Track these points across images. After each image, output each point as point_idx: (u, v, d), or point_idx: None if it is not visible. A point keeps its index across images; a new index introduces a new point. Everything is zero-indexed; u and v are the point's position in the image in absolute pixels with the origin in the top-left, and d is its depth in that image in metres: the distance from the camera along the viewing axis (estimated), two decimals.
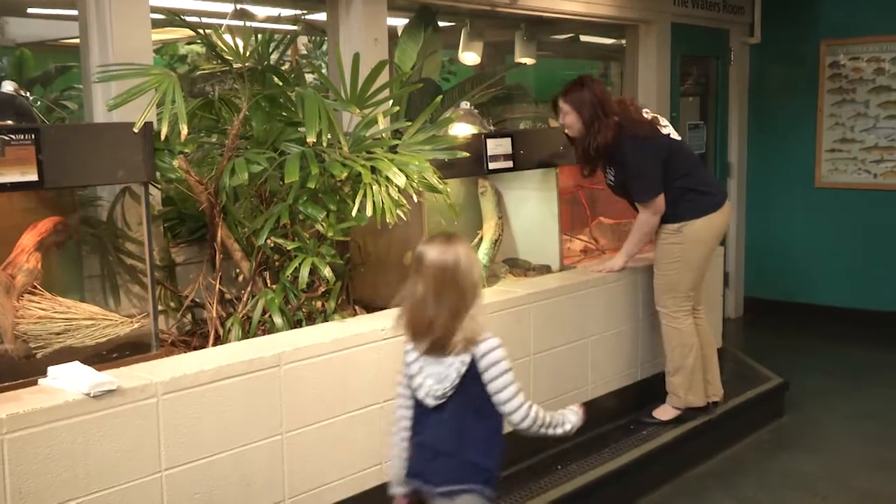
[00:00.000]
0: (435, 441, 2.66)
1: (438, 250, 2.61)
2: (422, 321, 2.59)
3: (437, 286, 2.57)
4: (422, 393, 2.64)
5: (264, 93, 3.56)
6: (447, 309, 2.56)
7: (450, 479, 2.64)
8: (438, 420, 2.64)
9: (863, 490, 4.31)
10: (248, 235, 3.55)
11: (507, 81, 6.22)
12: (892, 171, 7.10)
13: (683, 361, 4.46)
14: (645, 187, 4.35)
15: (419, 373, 2.64)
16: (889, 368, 6.33)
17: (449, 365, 2.59)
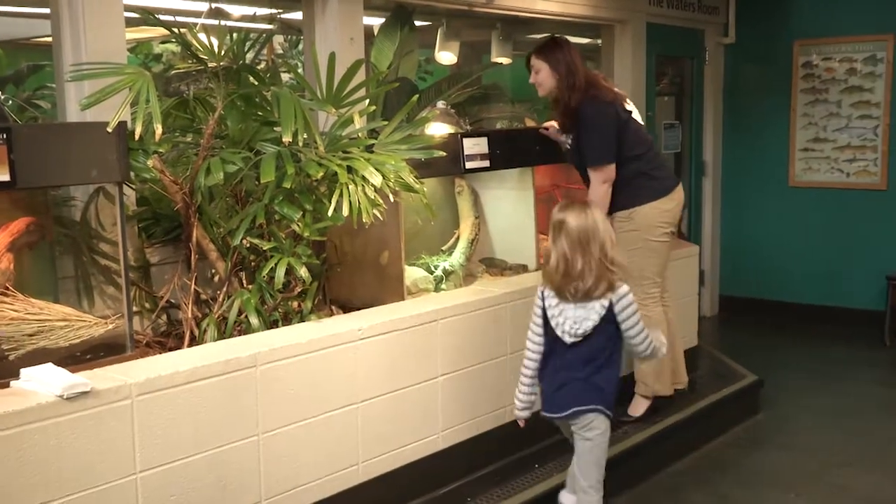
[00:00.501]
0: (570, 371, 3.23)
1: (577, 216, 3.21)
2: (571, 275, 3.16)
3: (583, 245, 3.17)
4: (560, 331, 3.22)
5: (240, 92, 3.55)
6: (592, 263, 3.15)
7: (581, 401, 3.23)
8: (574, 354, 3.22)
9: (835, 485, 4.35)
10: (224, 235, 3.53)
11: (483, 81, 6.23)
12: (864, 170, 7.18)
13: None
14: (599, 150, 4.32)
15: (559, 315, 3.22)
16: (861, 365, 6.40)
17: (590, 309, 3.18)
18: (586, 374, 3.22)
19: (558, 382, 3.27)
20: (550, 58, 4.32)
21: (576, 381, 3.23)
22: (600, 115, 4.31)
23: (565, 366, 3.25)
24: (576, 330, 3.20)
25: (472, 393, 3.85)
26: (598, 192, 4.34)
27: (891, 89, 6.98)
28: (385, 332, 3.45)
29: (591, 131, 4.33)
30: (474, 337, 3.84)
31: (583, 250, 3.17)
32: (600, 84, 4.39)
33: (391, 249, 3.85)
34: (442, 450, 3.73)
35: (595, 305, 3.18)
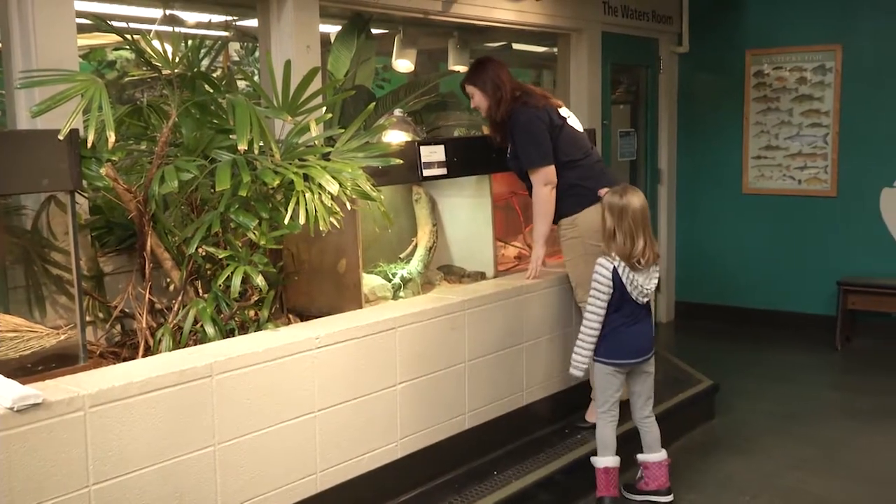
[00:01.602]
0: (646, 325, 4.06)
1: (638, 197, 3.95)
2: (633, 245, 3.90)
3: (641, 224, 3.92)
4: (636, 293, 3.96)
5: (194, 100, 3.52)
6: (649, 236, 3.94)
7: (650, 347, 4.11)
8: (644, 311, 4.05)
9: (788, 488, 4.41)
10: (179, 244, 3.50)
11: (440, 89, 6.24)
12: (815, 177, 7.31)
13: None
14: (534, 153, 4.38)
15: (631, 282, 3.94)
16: (814, 370, 6.51)
17: (650, 272, 4.00)
18: (650, 324, 4.08)
19: (638, 334, 4.03)
20: (477, 81, 4.49)
21: (647, 330, 4.06)
22: (530, 119, 4.40)
23: (639, 320, 4.02)
24: (648, 291, 3.99)
25: (431, 401, 3.85)
26: (540, 195, 4.40)
27: (840, 98, 7.13)
28: (343, 340, 3.44)
29: (523, 136, 4.41)
30: (433, 345, 3.84)
31: (644, 227, 3.92)
32: (532, 92, 4.51)
33: (349, 257, 3.84)
34: (400, 458, 3.72)
35: (653, 270, 3.99)
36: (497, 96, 4.43)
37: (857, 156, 7.12)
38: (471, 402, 4.06)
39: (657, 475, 4.15)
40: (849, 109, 7.11)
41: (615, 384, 4.05)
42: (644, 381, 4.13)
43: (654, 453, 4.15)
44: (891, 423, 5.31)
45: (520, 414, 4.36)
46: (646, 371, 4.12)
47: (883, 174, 7.03)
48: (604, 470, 4.03)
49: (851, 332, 7.15)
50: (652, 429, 4.16)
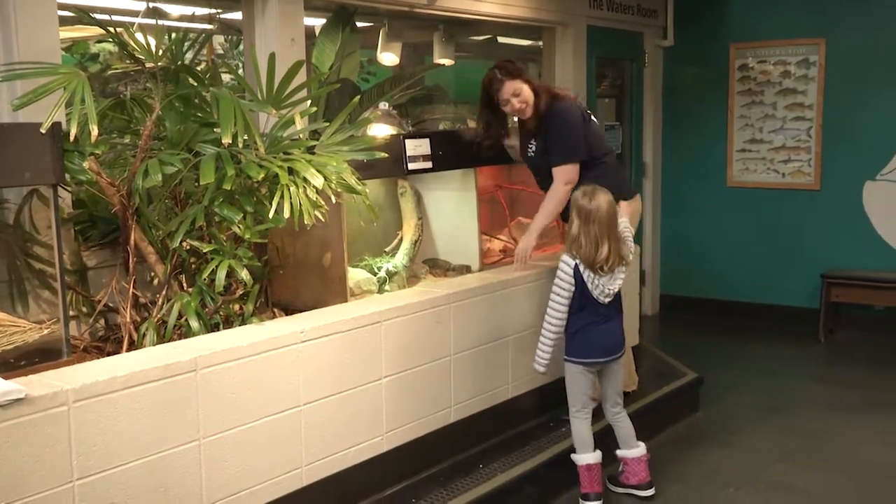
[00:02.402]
0: (616, 324, 4.04)
1: (607, 201, 3.87)
2: (601, 255, 3.84)
3: (606, 229, 3.85)
4: (596, 293, 3.91)
5: (178, 93, 3.50)
6: (614, 240, 3.87)
7: (620, 346, 4.07)
8: (614, 309, 4.01)
9: (772, 480, 4.44)
10: (163, 238, 3.48)
11: (426, 82, 6.24)
12: (798, 170, 7.34)
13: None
14: (569, 147, 4.37)
15: (592, 282, 3.90)
16: (798, 362, 6.55)
17: (615, 274, 3.92)
18: (619, 322, 4.05)
19: (608, 333, 4.02)
20: (520, 74, 4.41)
21: (617, 329, 4.04)
22: (571, 112, 4.41)
23: (609, 319, 4.00)
24: (610, 291, 3.94)
25: (417, 394, 3.85)
26: (559, 192, 4.38)
27: (823, 92, 7.16)
28: (328, 334, 3.44)
29: (562, 129, 4.39)
30: (418, 338, 3.84)
31: (609, 231, 3.86)
32: (555, 88, 4.52)
33: (334, 251, 3.83)
34: (386, 452, 3.72)
35: (618, 272, 3.93)
36: (537, 91, 4.41)
37: (841, 149, 7.16)
38: (456, 395, 4.06)
39: (636, 470, 4.17)
40: (832, 103, 7.15)
41: (585, 383, 4.06)
42: (613, 379, 4.11)
43: (631, 449, 4.17)
44: (874, 415, 5.35)
45: (505, 407, 4.36)
46: (614, 369, 4.10)
47: (866, 167, 7.07)
48: (586, 467, 4.03)
49: (835, 325, 7.20)
50: (624, 424, 4.16)
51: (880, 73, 6.93)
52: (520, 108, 4.40)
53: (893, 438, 4.98)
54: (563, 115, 4.38)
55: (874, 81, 6.97)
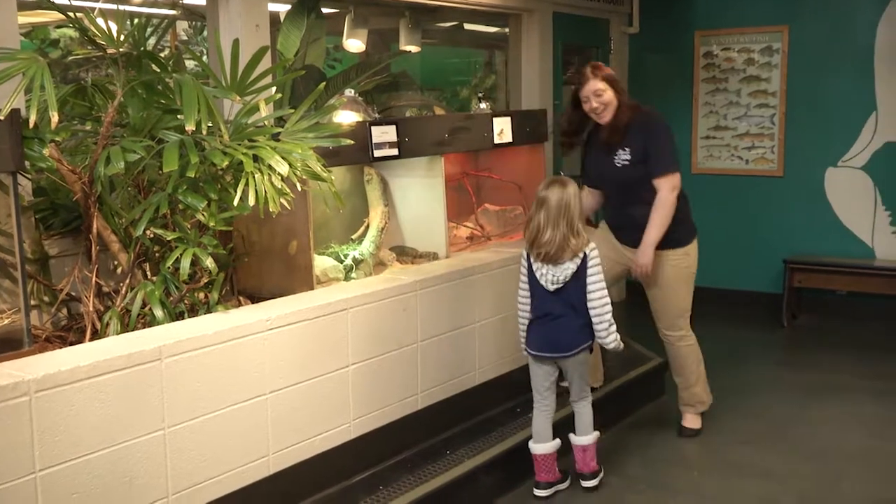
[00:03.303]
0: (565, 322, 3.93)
1: (557, 193, 3.88)
2: (542, 240, 3.86)
3: (554, 218, 3.85)
4: (543, 281, 3.91)
5: (140, 79, 3.46)
6: (560, 231, 3.84)
7: (572, 343, 3.94)
8: (559, 298, 3.92)
9: (735, 463, 4.50)
10: (126, 226, 3.45)
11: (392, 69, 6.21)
12: (762, 157, 7.42)
13: (701, 370, 4.81)
14: (672, 158, 4.48)
15: (539, 270, 3.92)
16: (761, 346, 6.63)
17: (566, 265, 3.88)
18: (572, 319, 3.94)
19: (555, 329, 3.96)
20: (610, 79, 4.44)
21: (566, 327, 3.95)
22: (666, 124, 4.53)
23: (562, 315, 3.94)
24: (555, 280, 3.89)
25: (383, 381, 3.85)
26: (669, 201, 4.46)
27: (786, 79, 7.23)
28: (294, 321, 3.43)
29: (663, 141, 4.47)
30: (385, 325, 3.84)
31: (554, 222, 3.85)
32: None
33: (300, 239, 3.82)
34: (353, 439, 3.72)
35: (567, 265, 3.88)
36: (624, 98, 4.45)
37: (803, 136, 7.24)
38: (423, 382, 4.07)
39: (578, 458, 4.17)
40: (795, 90, 7.23)
41: (539, 374, 4.08)
42: (571, 376, 4.08)
43: (578, 436, 4.16)
44: (835, 398, 5.43)
45: (472, 393, 4.38)
46: (571, 366, 4.03)
47: (828, 154, 7.16)
48: (539, 456, 4.07)
49: (798, 310, 7.30)
50: (579, 413, 4.15)
51: (842, 60, 7.02)
52: (596, 108, 4.44)
53: (854, 421, 5.06)
54: (664, 124, 4.51)
55: (836, 69, 7.05)
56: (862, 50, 6.93)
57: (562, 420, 4.24)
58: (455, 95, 7.65)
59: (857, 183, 7.07)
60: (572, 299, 3.94)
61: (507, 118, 5.00)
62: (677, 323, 4.71)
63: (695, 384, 4.80)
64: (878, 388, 5.59)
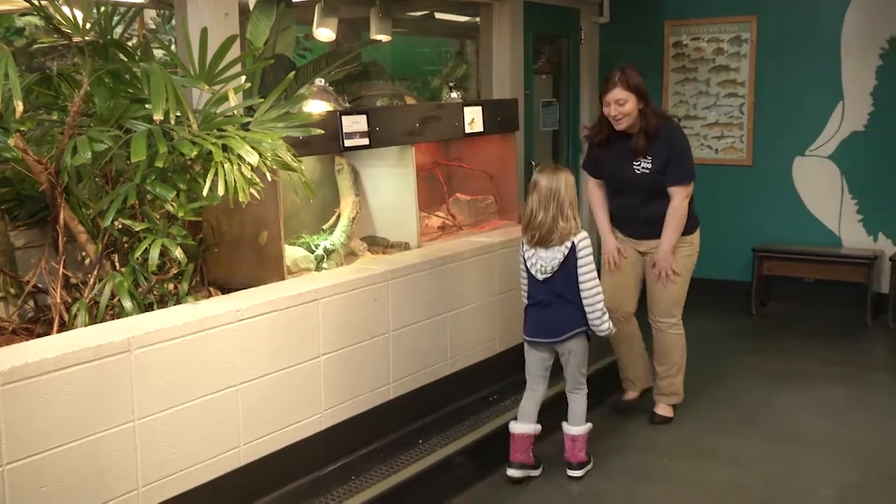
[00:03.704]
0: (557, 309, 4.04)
1: (547, 178, 4.00)
2: (535, 223, 3.98)
3: (544, 201, 3.98)
4: (533, 270, 4.04)
5: (107, 68, 3.42)
6: (550, 214, 3.95)
7: (562, 329, 4.05)
8: (548, 286, 4.03)
9: (705, 449, 4.55)
10: (94, 217, 3.41)
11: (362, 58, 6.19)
12: (731, 146, 7.47)
13: (683, 362, 4.85)
14: (690, 170, 4.61)
15: (533, 257, 4.03)
16: (731, 334, 6.70)
17: (555, 251, 3.98)
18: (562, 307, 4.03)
19: (546, 316, 4.07)
20: (636, 89, 4.44)
21: (558, 315, 4.05)
22: (683, 134, 4.61)
23: (553, 303, 4.04)
24: (544, 269, 3.99)
25: (355, 372, 3.85)
26: (683, 209, 4.61)
27: (755, 69, 7.28)
28: (265, 312, 3.41)
29: (683, 151, 4.58)
30: (356, 316, 3.83)
31: (544, 207, 3.97)
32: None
33: (270, 229, 3.80)
34: (325, 429, 3.72)
35: (557, 249, 3.99)
36: (649, 106, 4.48)
37: (772, 125, 7.30)
38: (395, 372, 4.07)
39: (568, 447, 4.23)
40: (763, 80, 7.28)
41: (531, 359, 4.17)
42: (566, 362, 4.16)
43: (570, 425, 4.23)
44: (803, 384, 5.50)
45: (444, 383, 4.39)
46: (564, 353, 4.14)
47: (796, 143, 7.22)
48: (517, 436, 4.13)
49: (766, 298, 7.37)
50: (571, 403, 4.23)
51: (810, 50, 7.07)
52: (616, 116, 4.47)
53: (821, 407, 5.13)
54: (683, 135, 4.61)
55: (804, 59, 7.11)
56: (829, 40, 6.99)
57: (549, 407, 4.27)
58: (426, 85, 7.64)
59: (824, 172, 7.14)
60: (561, 288, 4.02)
61: (478, 108, 5.00)
62: (672, 311, 4.78)
63: (675, 375, 4.85)
64: (844, 375, 5.67)
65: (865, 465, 4.35)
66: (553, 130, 7.50)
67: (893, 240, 6.93)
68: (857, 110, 6.96)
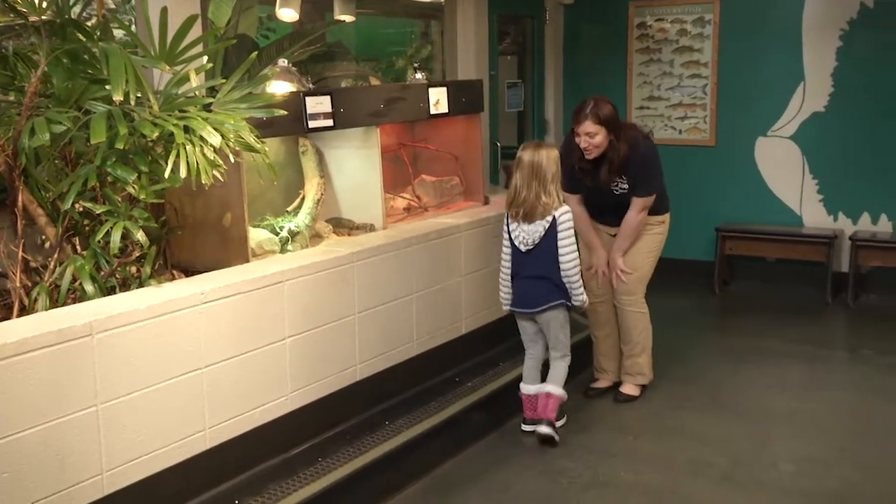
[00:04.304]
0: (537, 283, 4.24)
1: (529, 153, 4.20)
2: (519, 199, 4.19)
3: (527, 178, 4.17)
4: (517, 242, 4.25)
5: (65, 48, 3.36)
6: (533, 190, 4.15)
7: (541, 301, 4.25)
8: (530, 259, 4.24)
9: (669, 427, 4.60)
10: (54, 199, 3.37)
11: (326, 39, 6.13)
12: (695, 127, 7.53)
13: (647, 342, 4.90)
14: (657, 182, 4.75)
15: (516, 230, 4.25)
16: (694, 313, 6.77)
17: (537, 224, 4.18)
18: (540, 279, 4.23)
19: (527, 287, 4.28)
20: (607, 122, 4.50)
21: (538, 287, 4.25)
22: (652, 151, 4.68)
23: (533, 277, 4.25)
24: (527, 241, 4.19)
25: (321, 354, 3.84)
26: (640, 219, 4.72)
27: (717, 50, 7.33)
28: (229, 295, 3.39)
29: (651, 167, 4.66)
30: (322, 298, 3.82)
31: (527, 182, 4.16)
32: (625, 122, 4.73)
33: (234, 211, 3.77)
34: (291, 411, 3.71)
35: (540, 223, 4.17)
36: (617, 134, 4.53)
37: (734, 106, 7.36)
38: (361, 353, 4.07)
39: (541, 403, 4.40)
40: (726, 61, 7.33)
41: (521, 327, 4.45)
42: (546, 330, 4.38)
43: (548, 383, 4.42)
44: (764, 361, 5.58)
45: (411, 364, 4.40)
46: (543, 323, 4.35)
47: (758, 124, 7.29)
48: (525, 396, 4.46)
49: (729, 277, 7.46)
50: (553, 367, 4.44)
51: (772, 31, 7.13)
52: (586, 148, 4.54)
53: (781, 383, 5.21)
54: (651, 157, 4.66)
55: (766, 40, 7.16)
56: (790, 21, 7.05)
57: None
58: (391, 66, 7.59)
59: (785, 152, 7.22)
60: (542, 261, 4.23)
61: (443, 89, 4.99)
62: (636, 288, 4.83)
63: (639, 354, 4.89)
64: (804, 352, 5.75)
65: (825, 440, 4.43)
66: (518, 112, 7.50)
67: (853, 219, 7.04)
68: (817, 91, 7.04)
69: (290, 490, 3.47)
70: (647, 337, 4.91)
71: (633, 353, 4.89)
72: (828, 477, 4.04)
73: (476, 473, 4.09)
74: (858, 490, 3.91)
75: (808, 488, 3.94)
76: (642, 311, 4.88)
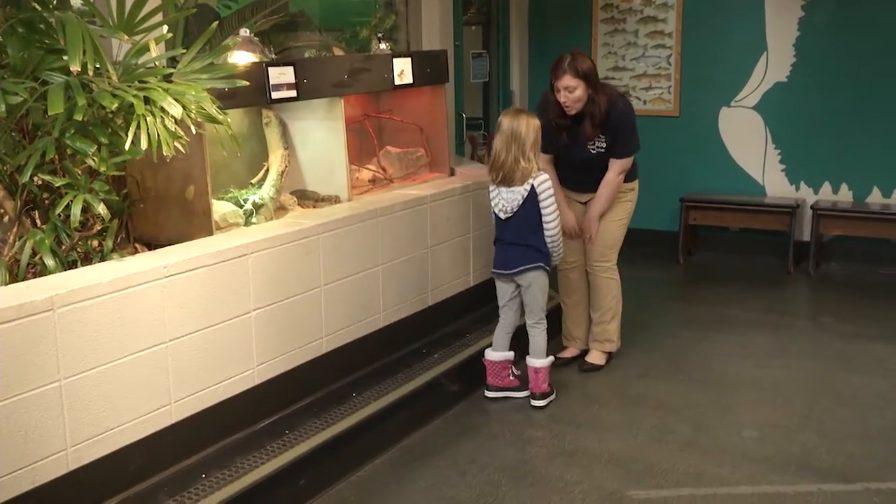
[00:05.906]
0: (517, 247, 4.35)
1: (509, 119, 4.28)
2: (497, 164, 4.27)
3: (507, 142, 4.24)
4: (497, 209, 4.36)
5: (20, 17, 3.28)
6: (512, 154, 4.22)
7: (521, 262, 4.36)
8: (510, 226, 4.35)
9: (634, 395, 4.66)
10: (12, 172, 3.30)
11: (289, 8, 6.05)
12: (659, 97, 7.55)
13: (618, 309, 4.93)
14: (635, 143, 4.76)
15: (497, 196, 4.34)
16: (659, 283, 6.84)
17: (516, 192, 4.27)
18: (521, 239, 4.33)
19: (506, 251, 4.40)
20: (586, 76, 4.48)
21: (517, 251, 4.35)
22: (629, 110, 4.66)
23: (513, 242, 4.36)
24: (506, 208, 4.28)
25: (287, 326, 3.83)
26: (618, 181, 4.74)
27: (682, 19, 7.34)
28: (193, 268, 3.36)
29: (629, 126, 4.67)
30: (287, 270, 3.80)
31: (506, 147, 4.23)
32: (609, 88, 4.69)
33: (197, 183, 3.73)
34: (258, 385, 3.70)
35: (519, 189, 4.26)
36: (598, 88, 4.52)
37: (698, 77, 7.39)
38: (328, 325, 4.06)
39: (531, 378, 4.50)
40: (690, 31, 7.35)
41: (498, 290, 4.54)
42: (525, 293, 4.47)
43: (531, 358, 4.51)
44: (728, 329, 5.65)
45: (377, 336, 4.40)
46: (521, 285, 4.44)
47: (721, 94, 7.33)
48: (487, 362, 4.54)
49: (693, 247, 7.53)
50: (532, 338, 4.50)
51: (735, 1, 7.15)
52: (566, 102, 4.52)
53: (744, 351, 5.28)
54: (629, 115, 4.66)
55: (729, 10, 7.19)
56: None
57: None
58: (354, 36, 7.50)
59: (749, 122, 7.27)
60: (521, 227, 4.32)
61: (407, 59, 4.95)
62: (607, 254, 4.86)
63: (609, 321, 4.93)
64: (766, 321, 5.84)
65: (787, 407, 4.50)
66: (483, 82, 7.48)
67: (814, 189, 7.12)
68: (780, 61, 7.08)
69: (258, 463, 3.46)
70: (618, 304, 4.95)
71: (604, 320, 4.93)
72: (790, 443, 4.11)
73: (444, 444, 4.11)
74: (820, 455, 3.99)
75: (771, 454, 4.00)
76: (615, 279, 4.91)
